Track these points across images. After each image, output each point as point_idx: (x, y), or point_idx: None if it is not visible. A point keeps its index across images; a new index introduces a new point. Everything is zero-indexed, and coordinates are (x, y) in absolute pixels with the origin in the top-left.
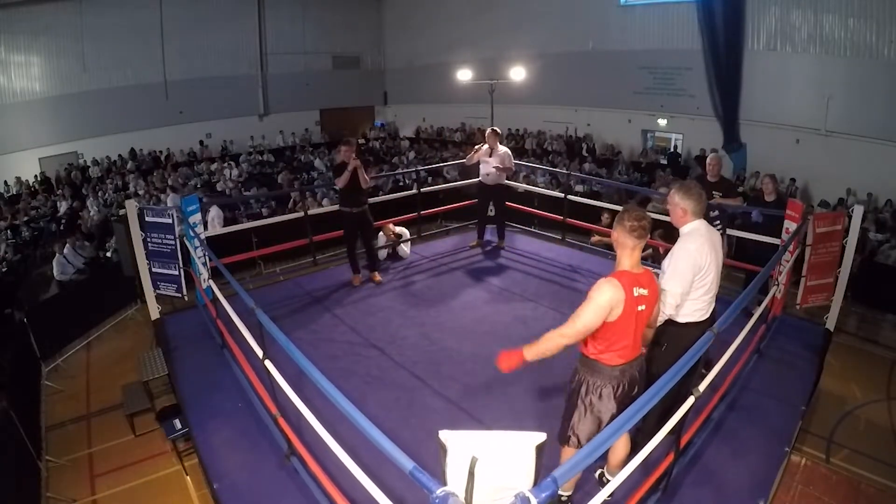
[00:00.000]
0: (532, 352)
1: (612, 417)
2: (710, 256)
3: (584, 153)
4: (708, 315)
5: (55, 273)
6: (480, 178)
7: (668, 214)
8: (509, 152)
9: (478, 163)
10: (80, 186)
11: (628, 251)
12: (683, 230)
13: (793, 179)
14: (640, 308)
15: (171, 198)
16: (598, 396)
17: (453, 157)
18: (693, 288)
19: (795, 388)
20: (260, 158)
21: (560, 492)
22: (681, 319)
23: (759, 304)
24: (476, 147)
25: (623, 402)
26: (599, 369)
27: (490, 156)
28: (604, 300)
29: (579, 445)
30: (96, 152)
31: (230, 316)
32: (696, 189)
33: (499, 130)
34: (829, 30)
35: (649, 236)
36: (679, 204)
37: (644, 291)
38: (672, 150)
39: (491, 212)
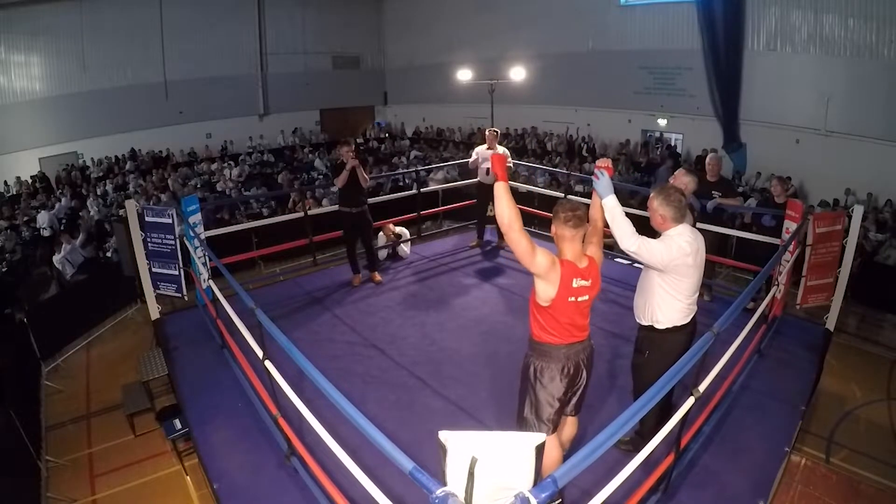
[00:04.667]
0: (502, 187)
1: (561, 399)
2: (690, 259)
3: (584, 153)
4: (689, 320)
5: (65, 271)
6: (479, 178)
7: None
8: (507, 152)
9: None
10: (80, 186)
11: (567, 242)
12: (669, 233)
13: (788, 178)
14: (579, 298)
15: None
16: (546, 379)
17: (453, 157)
18: (671, 287)
19: (795, 388)
20: (260, 158)
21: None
22: (661, 326)
23: (760, 304)
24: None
25: (569, 387)
26: (547, 351)
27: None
28: (542, 257)
29: (537, 428)
30: (96, 152)
31: (230, 316)
32: (676, 196)
33: (497, 131)
34: (829, 30)
35: (587, 224)
36: (657, 210)
37: (585, 283)
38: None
39: (490, 212)
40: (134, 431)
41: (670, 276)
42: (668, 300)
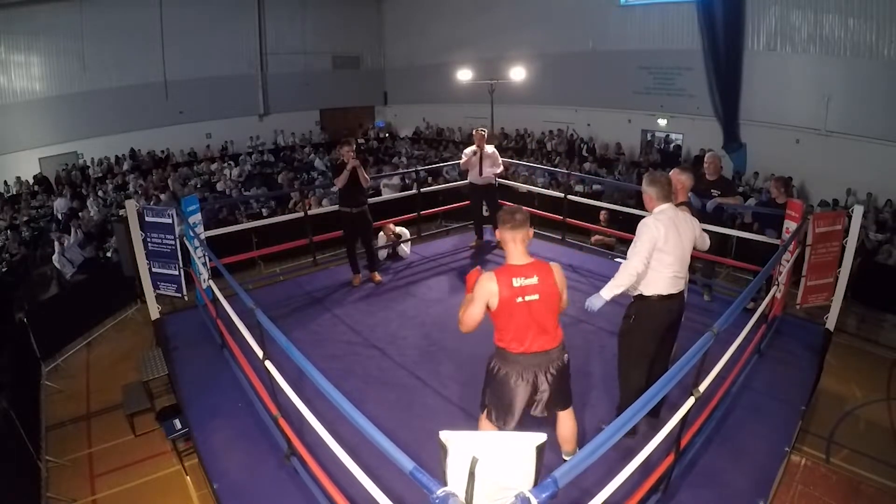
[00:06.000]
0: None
1: (521, 401)
2: (669, 232)
3: (585, 153)
4: (676, 291)
5: (64, 270)
6: (470, 180)
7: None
8: (496, 152)
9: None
10: (80, 186)
11: (511, 244)
12: (653, 213)
13: (789, 178)
14: (527, 298)
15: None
16: (502, 379)
17: (453, 157)
18: (654, 261)
19: (795, 388)
20: (260, 158)
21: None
22: (647, 292)
23: (760, 304)
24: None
25: (529, 394)
26: (505, 356)
27: (480, 157)
28: (478, 292)
29: (490, 417)
30: (96, 152)
31: (230, 316)
32: (660, 176)
33: (485, 130)
34: (829, 30)
35: (528, 224)
36: (646, 191)
37: (530, 280)
38: (664, 143)
39: (486, 212)
40: (134, 431)
41: (654, 252)
42: (650, 274)
